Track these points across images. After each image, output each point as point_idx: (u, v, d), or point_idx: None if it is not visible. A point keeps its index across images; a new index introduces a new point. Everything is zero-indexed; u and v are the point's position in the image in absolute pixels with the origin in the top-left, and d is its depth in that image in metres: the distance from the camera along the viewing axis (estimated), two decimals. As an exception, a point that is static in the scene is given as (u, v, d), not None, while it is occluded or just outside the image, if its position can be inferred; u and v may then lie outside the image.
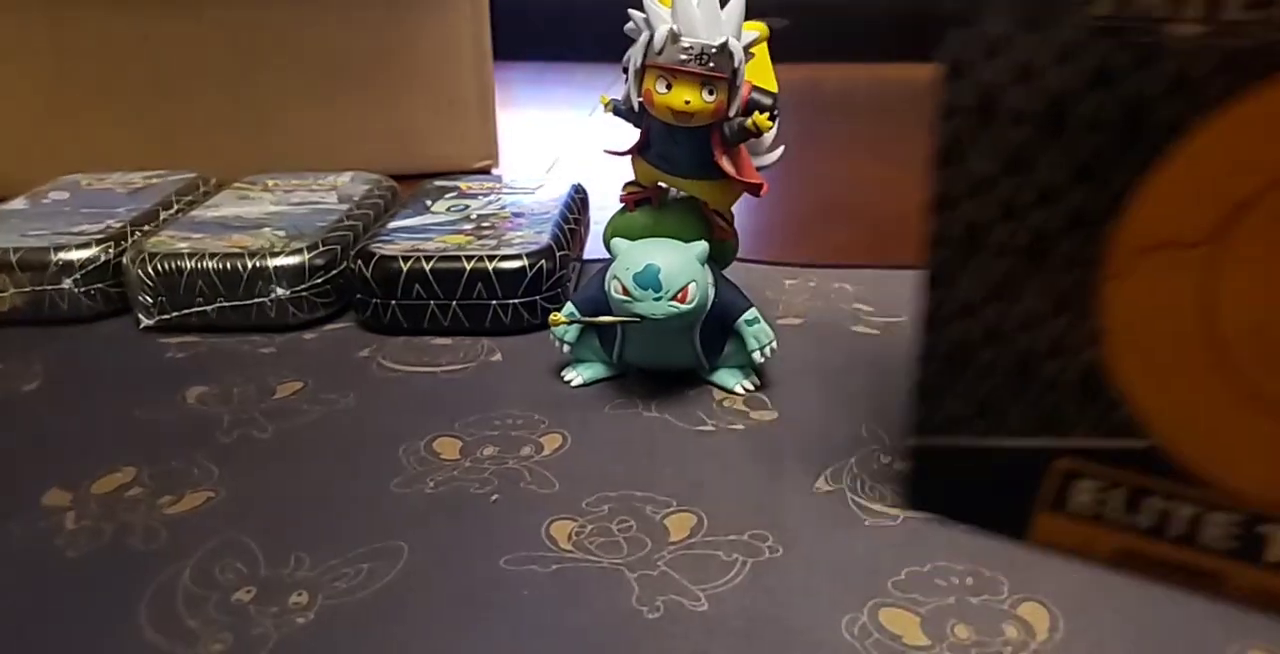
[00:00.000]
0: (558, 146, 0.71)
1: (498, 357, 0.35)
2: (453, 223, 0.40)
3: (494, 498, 0.27)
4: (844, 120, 0.82)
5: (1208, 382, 0.21)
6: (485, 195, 0.44)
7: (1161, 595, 0.23)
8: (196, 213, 0.42)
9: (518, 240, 0.37)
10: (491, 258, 0.36)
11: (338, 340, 0.36)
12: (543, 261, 0.36)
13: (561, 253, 0.37)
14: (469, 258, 0.36)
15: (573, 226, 0.40)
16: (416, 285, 0.36)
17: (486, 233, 0.39)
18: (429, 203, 0.43)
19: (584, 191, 0.45)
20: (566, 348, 0.33)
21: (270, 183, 0.46)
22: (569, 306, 0.32)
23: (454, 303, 0.36)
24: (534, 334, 0.36)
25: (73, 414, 0.31)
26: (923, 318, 0.24)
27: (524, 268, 0.36)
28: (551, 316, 0.31)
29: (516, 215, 0.41)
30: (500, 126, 0.64)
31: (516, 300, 0.36)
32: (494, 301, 0.36)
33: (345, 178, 0.47)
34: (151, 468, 0.28)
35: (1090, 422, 0.23)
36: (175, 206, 0.44)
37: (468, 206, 0.42)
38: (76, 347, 0.35)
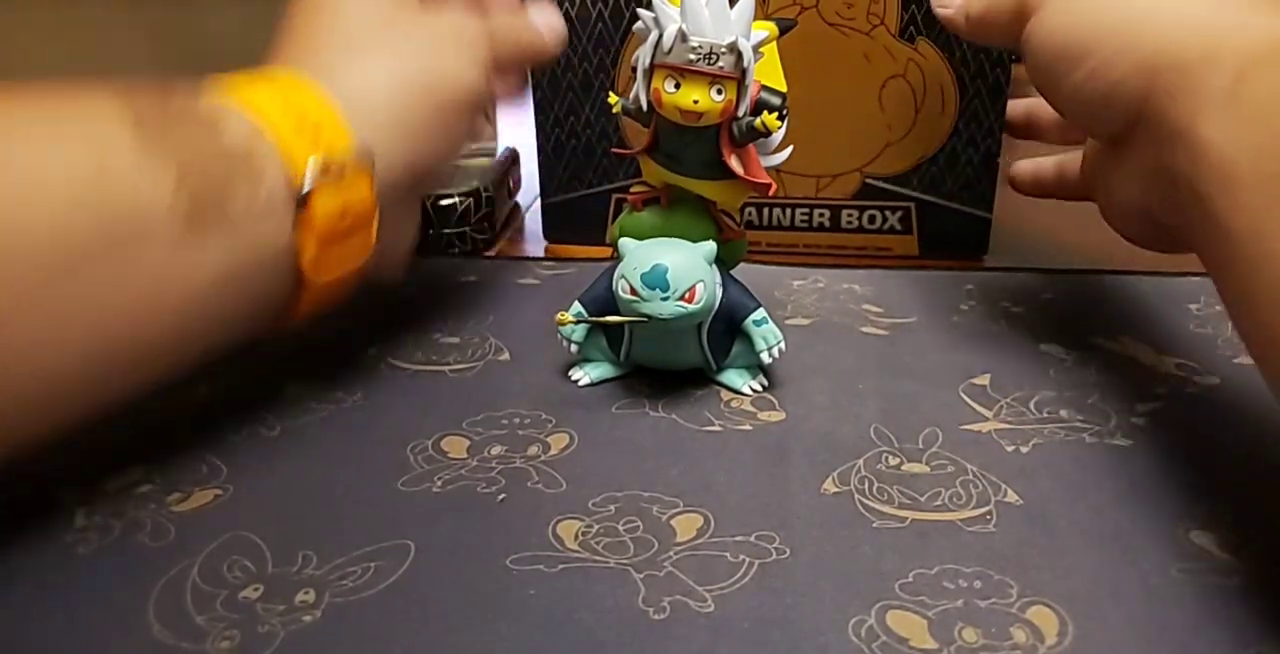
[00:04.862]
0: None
1: (505, 356, 0.35)
2: None
3: (501, 497, 0.27)
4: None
5: None
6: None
7: (1171, 600, 0.22)
8: None
9: (453, 185, 0.47)
10: (428, 197, 0.44)
11: (346, 337, 0.36)
12: (471, 200, 0.46)
13: (487, 195, 0.47)
14: None
15: (500, 175, 0.50)
16: None
17: None
18: None
19: (516, 152, 0.54)
20: (574, 347, 0.33)
21: None
22: (576, 306, 0.32)
23: None
24: (541, 334, 0.36)
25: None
26: None
27: (455, 204, 0.45)
28: (559, 316, 0.31)
29: (455, 167, 0.49)
30: (500, 123, 0.64)
31: (449, 230, 0.45)
32: (429, 231, 0.45)
33: None
34: (161, 465, 0.28)
35: None
36: None
37: None
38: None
